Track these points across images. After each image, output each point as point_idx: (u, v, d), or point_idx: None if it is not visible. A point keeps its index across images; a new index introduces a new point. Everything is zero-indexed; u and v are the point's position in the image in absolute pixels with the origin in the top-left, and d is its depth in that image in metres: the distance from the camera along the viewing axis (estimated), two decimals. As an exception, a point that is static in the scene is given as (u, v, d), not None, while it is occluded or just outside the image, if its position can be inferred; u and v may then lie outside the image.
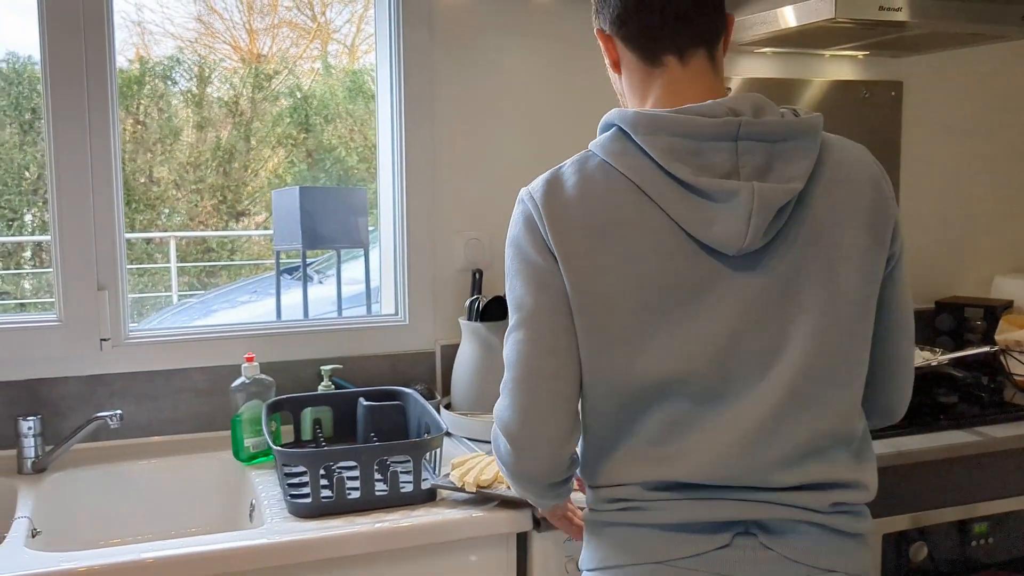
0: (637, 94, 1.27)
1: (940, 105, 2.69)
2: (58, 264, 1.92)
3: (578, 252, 1.16)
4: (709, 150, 1.13)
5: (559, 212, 1.17)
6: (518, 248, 1.22)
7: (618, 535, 1.20)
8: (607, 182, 1.17)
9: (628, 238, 1.14)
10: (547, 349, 1.17)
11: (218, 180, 9.11)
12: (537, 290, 1.18)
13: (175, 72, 9.29)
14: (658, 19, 1.21)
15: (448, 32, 2.18)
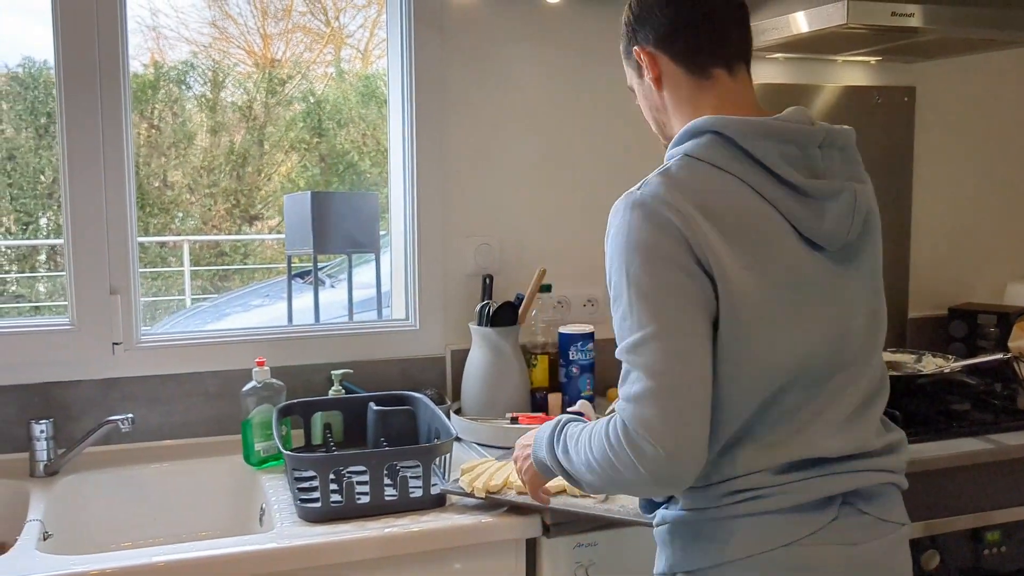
0: (686, 107, 1.33)
1: (953, 110, 2.68)
2: (71, 268, 1.93)
3: (718, 252, 1.18)
4: (809, 155, 1.25)
5: (692, 213, 1.19)
6: (651, 248, 1.19)
7: (739, 527, 1.23)
8: (724, 185, 1.22)
9: (754, 237, 1.21)
10: (700, 356, 1.18)
11: (231, 184, 9.15)
12: (677, 295, 1.18)
13: (189, 77, 9.34)
14: (707, 35, 1.31)
15: (460, 38, 2.18)
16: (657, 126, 1.42)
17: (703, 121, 1.25)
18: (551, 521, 1.60)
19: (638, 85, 1.41)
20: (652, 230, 1.19)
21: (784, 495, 1.23)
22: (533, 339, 2.17)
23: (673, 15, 1.31)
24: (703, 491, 1.26)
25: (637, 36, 1.35)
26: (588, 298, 2.35)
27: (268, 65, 9.84)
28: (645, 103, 1.41)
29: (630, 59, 1.39)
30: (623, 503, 1.59)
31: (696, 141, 1.25)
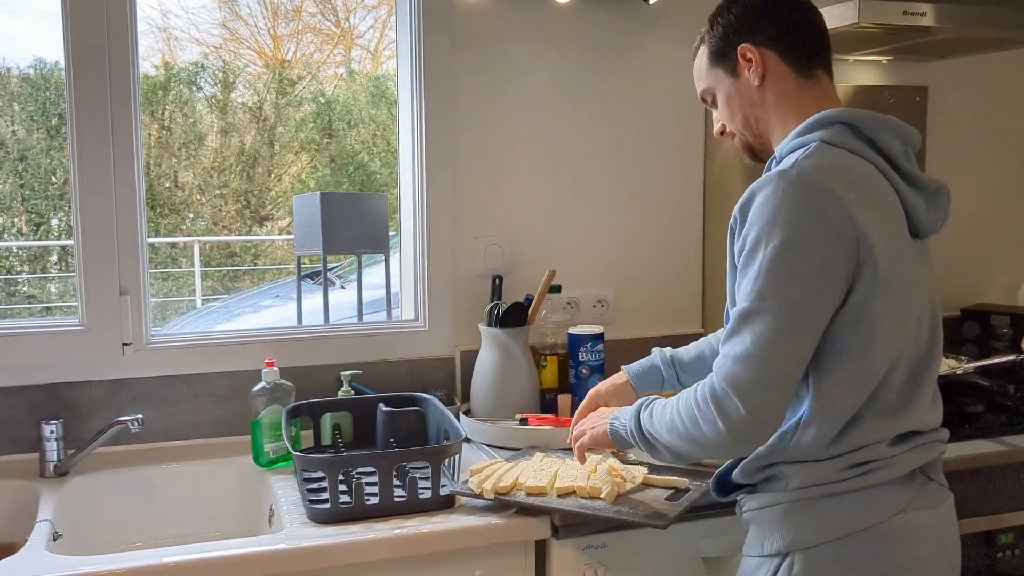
0: (789, 105, 1.42)
1: (966, 110, 2.67)
2: (81, 269, 1.93)
3: (871, 230, 1.27)
4: (908, 152, 1.37)
5: (846, 193, 1.26)
6: (795, 227, 1.25)
7: (859, 499, 1.32)
8: (863, 168, 1.32)
9: (892, 219, 1.32)
10: (809, 334, 1.27)
11: (242, 185, 9.17)
12: (815, 272, 1.25)
13: (200, 78, 9.37)
14: (813, 39, 1.43)
15: (469, 38, 2.18)
16: (748, 123, 1.47)
17: (833, 112, 1.35)
18: (560, 523, 1.59)
19: (729, 85, 1.46)
20: (804, 213, 1.25)
21: (893, 467, 1.33)
22: (543, 340, 2.16)
23: (785, 17, 1.41)
24: (824, 464, 1.33)
25: (742, 35, 1.43)
26: (598, 299, 2.34)
27: (278, 66, 9.86)
28: (737, 100, 1.46)
29: (722, 61, 1.46)
30: (633, 506, 1.58)
31: (827, 130, 1.34)
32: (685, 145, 2.38)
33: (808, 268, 1.25)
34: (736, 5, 1.45)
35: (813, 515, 1.33)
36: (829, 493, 1.33)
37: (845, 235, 1.25)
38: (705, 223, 2.42)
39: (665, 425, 1.36)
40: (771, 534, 1.36)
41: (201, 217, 9.12)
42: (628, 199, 2.35)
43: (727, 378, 1.26)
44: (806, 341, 1.27)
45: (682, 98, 2.36)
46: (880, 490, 1.33)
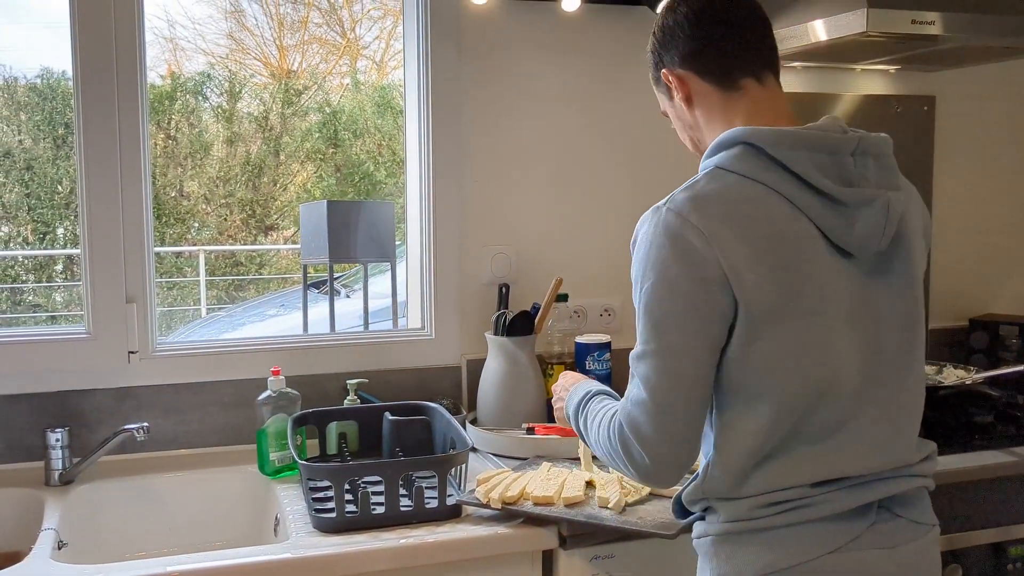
0: (718, 120, 1.35)
1: (973, 119, 2.66)
2: (88, 277, 1.93)
3: (742, 266, 1.20)
4: (841, 163, 1.25)
5: (716, 228, 1.20)
6: (664, 269, 1.22)
7: (783, 536, 1.25)
8: (755, 196, 1.23)
9: (784, 247, 1.22)
10: (693, 378, 1.23)
11: (247, 194, 9.19)
12: (686, 315, 1.21)
13: (206, 87, 9.40)
14: (731, 48, 1.34)
15: (476, 47, 2.18)
16: (692, 144, 1.45)
17: (733, 133, 1.27)
18: (568, 532, 1.58)
19: (670, 107, 1.44)
20: (670, 254, 1.22)
21: (824, 504, 1.25)
22: (549, 349, 2.16)
23: (695, 33, 1.35)
24: (739, 503, 1.27)
25: (664, 60, 1.39)
26: (605, 307, 2.33)
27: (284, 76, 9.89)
28: (679, 123, 1.45)
29: (660, 84, 1.43)
30: (640, 515, 1.57)
31: (727, 153, 1.27)
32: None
33: (679, 310, 1.22)
34: (657, 28, 1.41)
35: (737, 550, 1.27)
36: (751, 529, 1.26)
37: (710, 275, 1.20)
38: (712, 232, 2.41)
39: (594, 442, 1.37)
40: (704, 564, 1.33)
41: (206, 226, 9.14)
42: (634, 208, 2.33)
43: (628, 422, 1.26)
44: (695, 385, 1.23)
45: (689, 107, 2.36)
46: (807, 527, 1.25)
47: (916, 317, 1.32)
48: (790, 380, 1.22)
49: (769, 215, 1.22)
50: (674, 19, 1.37)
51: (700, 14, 1.35)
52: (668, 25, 1.38)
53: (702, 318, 1.21)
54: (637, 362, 1.26)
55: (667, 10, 1.39)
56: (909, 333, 1.31)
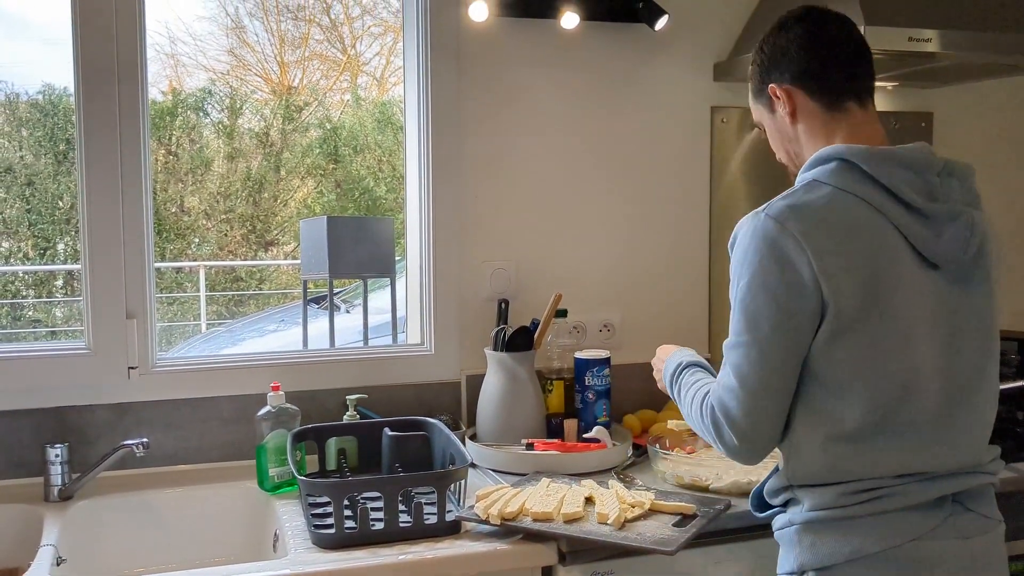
0: (820, 137, 1.45)
1: (971, 136, 2.67)
2: (88, 292, 1.93)
3: (833, 271, 1.30)
4: (928, 181, 1.37)
5: (811, 234, 1.31)
6: (760, 269, 1.33)
7: (867, 524, 1.34)
8: (848, 206, 1.34)
9: (873, 255, 1.32)
10: (779, 369, 1.35)
11: (248, 210, 9.21)
12: (776, 313, 1.33)
13: (207, 103, 9.43)
14: (839, 72, 1.44)
15: (476, 64, 2.19)
16: (789, 156, 1.53)
17: (830, 149, 1.39)
18: (567, 549, 1.58)
19: (769, 120, 1.52)
20: (765, 256, 1.33)
21: (904, 495, 1.34)
22: (549, 364, 2.16)
23: (809, 55, 1.44)
24: (824, 490, 1.36)
25: (771, 75, 1.47)
26: (604, 323, 2.34)
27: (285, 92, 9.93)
28: (777, 136, 1.52)
29: (761, 96, 1.51)
30: (640, 531, 1.57)
31: (823, 168, 1.38)
32: (690, 169, 2.39)
33: (770, 308, 1.33)
34: (767, 43, 1.49)
35: (824, 537, 1.36)
36: (839, 517, 1.35)
37: (802, 278, 1.31)
38: (711, 248, 2.42)
39: (686, 412, 1.51)
40: (789, 554, 1.40)
41: (207, 242, 9.15)
42: (634, 223, 2.35)
43: (719, 405, 1.39)
44: (780, 375, 1.35)
45: (687, 123, 2.37)
46: (893, 516, 1.34)
47: (992, 328, 1.43)
48: (875, 377, 1.32)
49: (861, 224, 1.33)
50: (787, 39, 1.46)
51: (814, 38, 1.44)
52: (780, 43, 1.47)
53: (791, 316, 1.32)
54: (730, 351, 1.38)
55: (780, 28, 1.48)
56: (985, 342, 1.41)
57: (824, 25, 1.45)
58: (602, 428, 2.01)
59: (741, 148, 2.41)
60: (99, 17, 1.89)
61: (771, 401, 1.36)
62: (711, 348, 2.42)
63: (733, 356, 1.38)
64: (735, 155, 2.41)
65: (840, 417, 1.34)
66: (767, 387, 1.35)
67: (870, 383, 1.33)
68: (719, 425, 1.39)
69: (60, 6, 1.87)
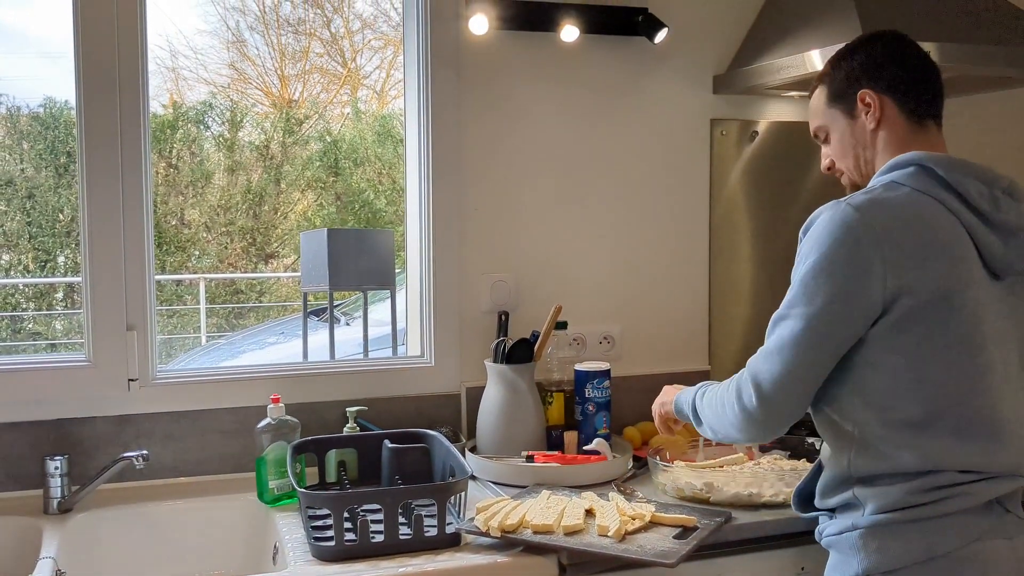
0: (897, 148, 1.50)
1: (970, 148, 2.65)
2: (88, 305, 1.94)
3: (905, 264, 1.36)
4: (995, 195, 1.45)
5: (886, 227, 1.37)
6: (830, 251, 1.38)
7: (934, 526, 1.37)
8: (924, 206, 1.40)
9: (945, 254, 1.38)
10: (822, 349, 1.40)
11: (248, 222, 9.22)
12: (836, 295, 1.37)
13: (208, 117, 9.46)
14: (930, 90, 1.53)
15: (476, 78, 2.20)
16: (856, 163, 1.56)
17: (909, 156, 1.46)
18: (567, 561, 1.58)
19: (845, 125, 1.56)
20: (838, 241, 1.37)
21: (968, 495, 1.38)
22: (549, 376, 2.16)
23: (907, 70, 1.52)
24: (890, 489, 1.39)
25: (863, 81, 1.52)
26: (604, 335, 2.34)
27: (285, 105, 9.96)
28: (850, 141, 1.56)
29: (841, 101, 1.55)
30: (640, 544, 1.57)
31: (901, 172, 1.45)
32: (690, 182, 2.40)
33: (833, 290, 1.37)
34: (860, 52, 1.54)
35: (891, 540, 1.38)
36: (907, 519, 1.38)
37: (870, 267, 1.35)
38: (711, 260, 2.42)
39: (707, 404, 1.56)
40: (850, 559, 1.42)
41: (207, 254, 9.16)
42: (634, 236, 2.36)
43: (749, 368, 1.46)
44: (822, 353, 1.40)
45: (687, 136, 2.38)
46: (956, 517, 1.37)
47: None
48: (940, 370, 1.37)
49: (935, 224, 1.39)
50: (885, 50, 1.53)
51: (909, 55, 1.53)
52: (877, 52, 1.53)
53: (847, 301, 1.37)
54: (776, 323, 1.44)
55: (876, 39, 1.55)
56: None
57: (914, 46, 1.54)
58: (602, 440, 2.01)
59: (740, 160, 2.41)
60: (100, 31, 1.90)
61: (802, 377, 1.41)
62: (711, 360, 2.42)
63: (780, 327, 1.43)
64: (734, 167, 2.41)
65: (902, 407, 1.38)
66: (803, 361, 1.40)
67: (935, 375, 1.37)
68: (741, 390, 1.45)
69: (61, 19, 1.88)
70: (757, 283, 2.45)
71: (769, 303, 2.42)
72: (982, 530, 1.38)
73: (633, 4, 2.25)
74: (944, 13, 2.06)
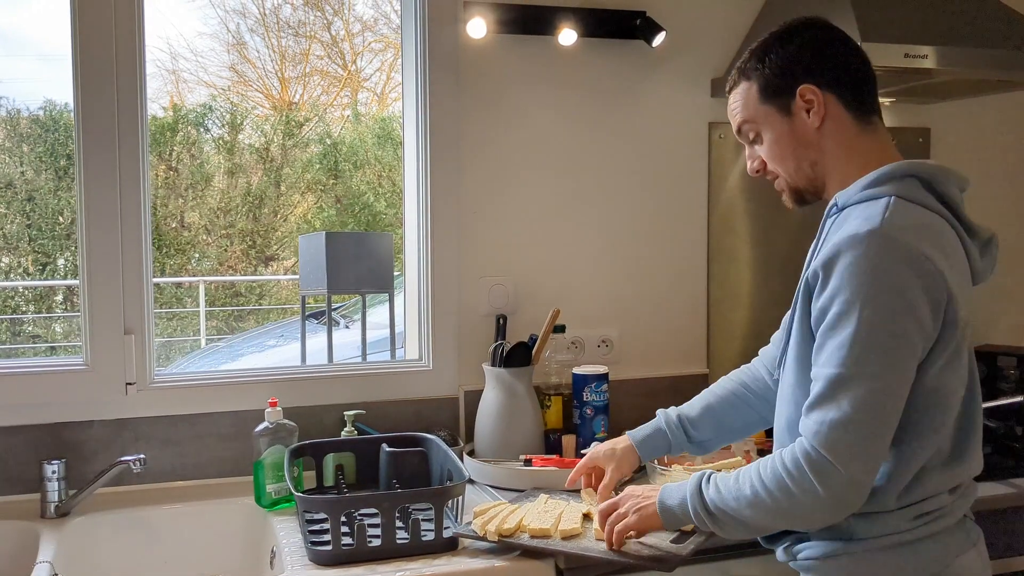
0: (845, 149, 1.40)
1: (968, 151, 2.67)
2: (86, 308, 1.94)
3: (956, 291, 1.29)
4: (963, 201, 1.38)
5: (936, 255, 1.27)
6: (890, 293, 1.24)
7: (924, 547, 1.34)
8: (941, 227, 1.33)
9: (965, 275, 1.35)
10: (897, 398, 1.27)
11: (248, 225, 9.22)
12: (902, 341, 1.25)
13: (208, 119, 9.46)
14: (871, 86, 1.42)
15: (475, 80, 2.20)
16: (799, 165, 1.43)
17: (904, 165, 1.35)
18: (565, 565, 1.57)
19: (780, 124, 1.42)
20: (900, 269, 1.25)
21: (952, 513, 1.36)
22: (547, 380, 2.16)
23: (849, 62, 1.40)
24: (887, 517, 1.33)
25: (802, 75, 1.39)
26: (602, 339, 2.33)
27: (286, 108, 9.96)
28: (791, 142, 1.42)
29: (775, 98, 1.41)
30: (637, 548, 1.56)
31: (900, 184, 1.33)
32: (689, 185, 2.39)
33: (906, 331, 1.25)
34: (792, 43, 1.40)
35: (883, 565, 1.34)
36: (898, 543, 1.33)
37: (938, 297, 1.27)
38: (709, 264, 2.42)
39: (744, 500, 1.33)
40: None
41: (207, 257, 9.16)
42: (632, 239, 2.36)
43: (825, 444, 1.25)
44: (899, 400, 1.28)
45: (685, 139, 2.37)
46: (942, 537, 1.35)
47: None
48: (956, 399, 1.34)
49: (954, 245, 1.33)
50: (820, 40, 1.40)
51: (847, 45, 1.41)
52: (812, 42, 1.40)
53: (922, 335, 1.26)
54: (843, 385, 1.25)
55: (807, 27, 1.42)
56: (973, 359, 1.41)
57: (845, 35, 1.41)
58: (599, 444, 2.01)
59: (739, 164, 2.41)
60: (98, 33, 1.90)
61: (885, 436, 1.27)
62: (709, 363, 2.42)
63: (853, 389, 1.24)
64: (733, 171, 2.41)
65: (922, 442, 1.32)
66: (891, 420, 1.26)
67: (954, 406, 1.34)
68: (823, 468, 1.25)
69: (59, 22, 1.88)
70: (755, 287, 2.45)
71: (768, 306, 2.45)
72: (959, 545, 1.37)
73: (631, 7, 2.25)
74: (941, 16, 2.07)
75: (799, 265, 1.43)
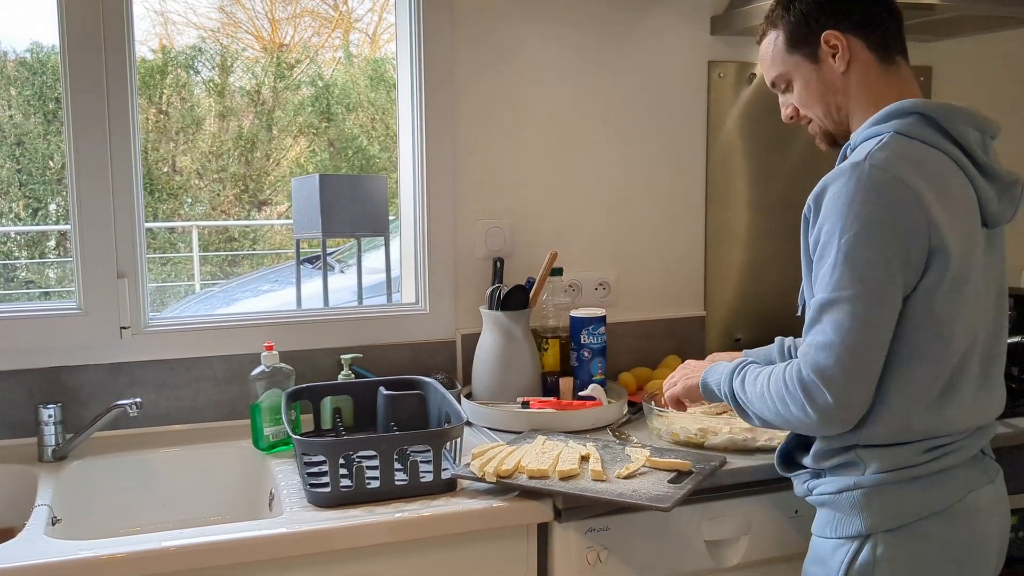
0: (871, 91, 1.44)
1: (970, 90, 2.64)
2: (78, 253, 1.92)
3: (940, 222, 1.30)
4: (985, 142, 1.41)
5: (920, 185, 1.30)
6: (872, 218, 1.29)
7: (938, 481, 1.38)
8: (940, 162, 1.35)
9: (964, 212, 1.35)
10: (885, 322, 1.32)
11: (240, 169, 9.15)
12: (890, 261, 1.30)
13: (198, 62, 9.33)
14: (894, 25, 1.45)
15: (470, 20, 2.16)
16: (828, 110, 1.48)
17: (908, 103, 1.38)
18: (563, 506, 1.58)
19: (809, 71, 1.47)
20: (878, 204, 1.29)
21: (965, 449, 1.39)
22: (544, 323, 2.15)
23: (871, 5, 1.44)
24: (898, 450, 1.37)
25: (826, 21, 1.44)
26: (600, 281, 2.33)
27: (276, 50, 9.82)
28: (817, 88, 1.47)
29: (801, 46, 1.46)
30: (635, 488, 1.57)
31: (901, 122, 1.37)
32: (687, 125, 2.37)
33: (882, 256, 1.29)
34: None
35: (895, 498, 1.37)
36: (910, 477, 1.37)
37: (917, 224, 1.29)
38: (707, 205, 2.40)
39: (756, 396, 1.42)
40: (851, 517, 1.40)
41: (199, 202, 9.10)
42: (630, 181, 2.33)
43: (813, 367, 1.32)
44: (883, 327, 1.32)
45: (684, 79, 2.34)
46: (955, 471, 1.38)
47: (1005, 287, 1.47)
48: (956, 334, 1.34)
49: (953, 181, 1.35)
50: None
51: None
52: None
53: (902, 264, 1.30)
54: (828, 308, 1.32)
55: None
56: (1003, 299, 1.46)
57: None
58: (597, 386, 2.01)
59: (738, 103, 2.38)
60: (83, -30, 1.85)
61: (874, 358, 1.32)
62: (706, 306, 2.41)
63: (834, 313, 1.31)
64: (732, 110, 2.38)
65: (925, 377, 1.34)
66: (872, 342, 1.31)
67: (952, 341, 1.34)
68: (811, 389, 1.32)
69: (43, -40, 1.83)
70: (753, 228, 2.43)
71: (765, 248, 2.44)
72: (973, 480, 1.40)
73: (629, -58, 2.20)
74: (947, -49, 2.03)
75: (797, 205, 1.44)
